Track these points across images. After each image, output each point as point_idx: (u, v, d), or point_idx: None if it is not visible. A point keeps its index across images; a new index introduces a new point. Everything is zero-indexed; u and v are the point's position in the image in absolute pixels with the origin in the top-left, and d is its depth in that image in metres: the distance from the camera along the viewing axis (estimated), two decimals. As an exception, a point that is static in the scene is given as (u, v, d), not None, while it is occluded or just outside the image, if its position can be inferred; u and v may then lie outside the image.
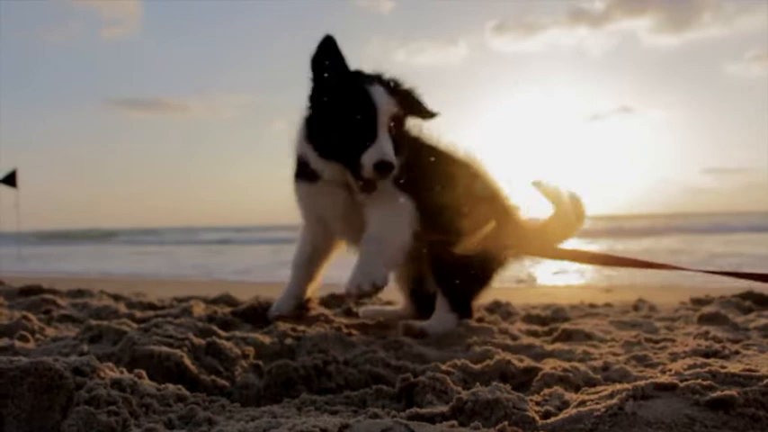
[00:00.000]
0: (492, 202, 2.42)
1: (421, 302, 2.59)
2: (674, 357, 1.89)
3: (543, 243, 2.40)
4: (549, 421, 1.26)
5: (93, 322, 2.16)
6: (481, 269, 2.43)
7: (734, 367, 1.44)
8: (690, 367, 1.53)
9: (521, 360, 1.86)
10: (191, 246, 19.50)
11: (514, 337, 2.35)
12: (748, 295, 3.14)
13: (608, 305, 3.57)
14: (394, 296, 3.34)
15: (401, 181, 2.19)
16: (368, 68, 2.24)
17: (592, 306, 3.50)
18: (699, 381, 1.33)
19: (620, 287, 5.71)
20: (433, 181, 2.29)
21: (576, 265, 8.82)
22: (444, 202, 2.27)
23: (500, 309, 3.11)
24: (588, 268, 8.05)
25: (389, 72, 2.24)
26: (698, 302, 3.31)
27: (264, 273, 8.55)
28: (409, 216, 2.23)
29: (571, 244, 2.50)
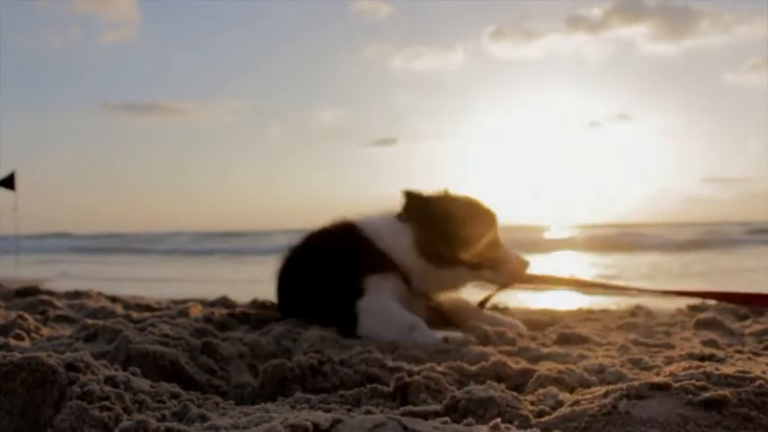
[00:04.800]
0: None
1: None
2: (670, 361, 1.89)
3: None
4: (542, 420, 1.26)
5: (89, 321, 2.16)
6: None
7: (728, 369, 1.44)
8: (684, 369, 1.53)
9: (516, 362, 1.86)
10: (188, 250, 19.48)
11: (511, 341, 2.35)
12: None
13: (605, 311, 3.56)
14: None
15: None
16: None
17: (589, 312, 3.50)
18: (693, 381, 1.32)
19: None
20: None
21: (571, 273, 8.84)
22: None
23: (497, 312, 3.11)
24: (587, 274, 8.06)
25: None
26: (695, 309, 3.30)
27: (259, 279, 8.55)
28: None
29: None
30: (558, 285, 2.53)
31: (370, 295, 2.44)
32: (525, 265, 2.47)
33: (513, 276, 2.54)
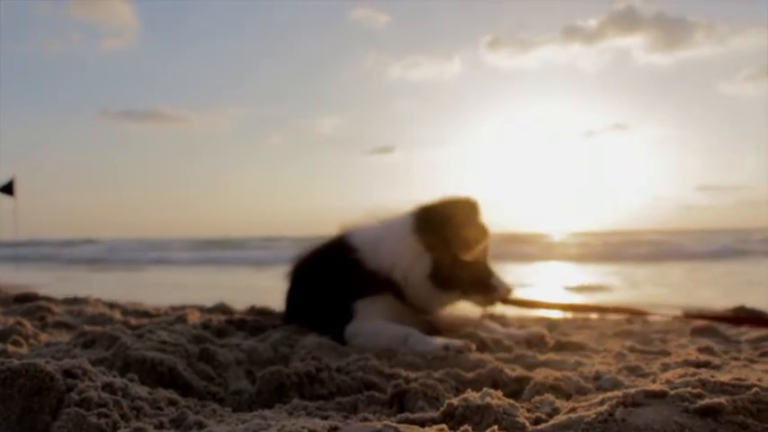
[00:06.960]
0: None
1: None
2: (666, 368, 1.90)
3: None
4: (539, 427, 1.26)
5: (87, 327, 2.16)
6: None
7: (724, 377, 1.44)
8: (680, 377, 1.53)
9: (513, 369, 1.87)
10: (187, 257, 19.44)
11: (508, 348, 2.36)
12: (740, 309, 3.16)
13: (602, 318, 3.57)
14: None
15: None
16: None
17: (585, 320, 3.50)
18: (689, 389, 1.33)
19: (614, 302, 5.71)
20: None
21: (570, 282, 8.83)
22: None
23: (494, 320, 3.11)
24: (582, 284, 8.06)
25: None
26: (691, 316, 3.31)
27: (259, 285, 8.55)
28: None
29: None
30: (539, 308, 2.69)
31: (357, 321, 2.48)
32: (509, 292, 2.60)
33: (500, 302, 2.65)
